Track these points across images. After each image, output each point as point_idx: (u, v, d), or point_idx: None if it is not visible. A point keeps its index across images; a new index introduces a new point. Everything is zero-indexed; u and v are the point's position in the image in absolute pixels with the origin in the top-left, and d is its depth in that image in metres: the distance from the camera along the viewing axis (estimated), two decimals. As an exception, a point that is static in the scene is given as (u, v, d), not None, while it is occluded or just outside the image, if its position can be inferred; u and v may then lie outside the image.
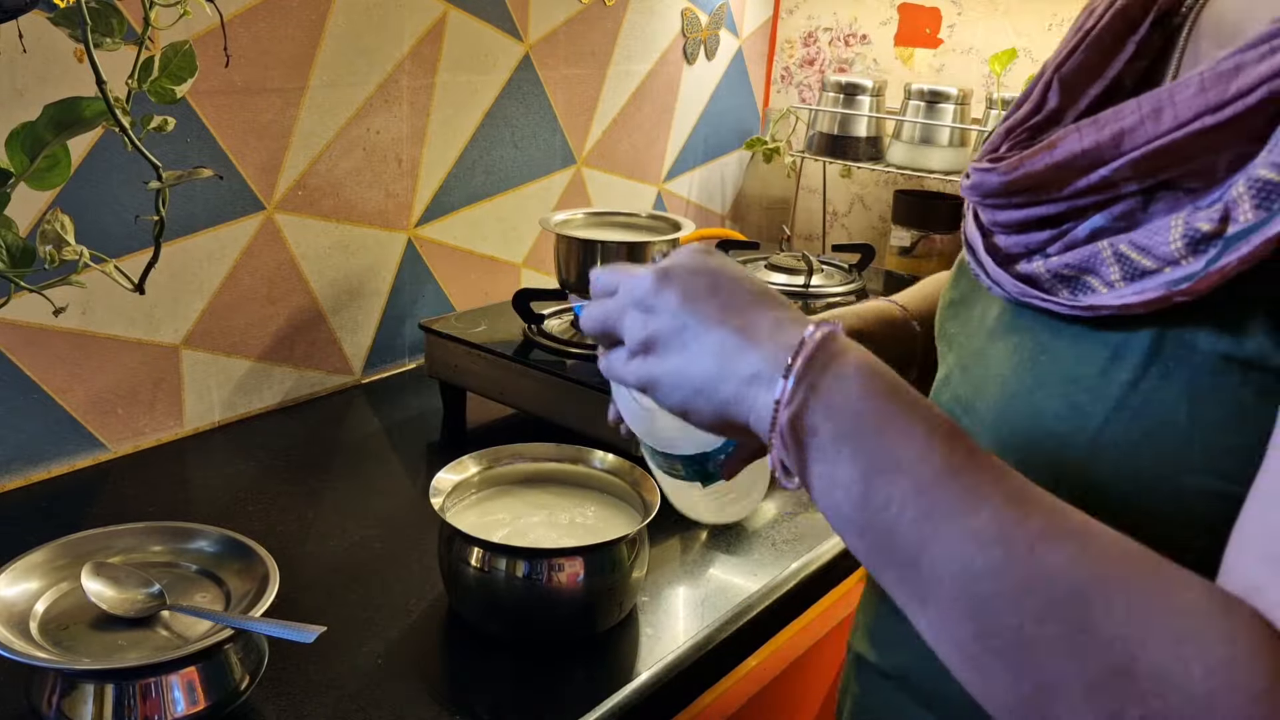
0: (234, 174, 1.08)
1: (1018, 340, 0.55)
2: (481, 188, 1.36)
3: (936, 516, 0.41)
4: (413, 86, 1.23)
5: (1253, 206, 0.43)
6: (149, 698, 0.65)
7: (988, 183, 0.55)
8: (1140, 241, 0.47)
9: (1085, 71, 0.56)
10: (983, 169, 0.56)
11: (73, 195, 0.94)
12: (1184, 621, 0.38)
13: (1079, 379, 0.50)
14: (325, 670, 0.74)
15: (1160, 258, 0.47)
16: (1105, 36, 0.55)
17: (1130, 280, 0.48)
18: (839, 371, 0.44)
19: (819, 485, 0.44)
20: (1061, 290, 0.51)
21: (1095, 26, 0.56)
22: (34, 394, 0.97)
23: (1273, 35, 0.44)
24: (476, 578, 0.78)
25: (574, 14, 1.42)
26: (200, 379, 1.10)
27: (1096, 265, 0.49)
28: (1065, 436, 0.50)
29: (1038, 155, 0.52)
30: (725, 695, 0.85)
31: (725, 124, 1.79)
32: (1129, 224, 0.49)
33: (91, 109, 0.75)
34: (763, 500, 0.90)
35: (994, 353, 0.56)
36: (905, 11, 1.71)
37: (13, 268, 0.77)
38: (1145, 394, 0.48)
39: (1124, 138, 0.48)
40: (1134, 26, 0.55)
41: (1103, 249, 0.49)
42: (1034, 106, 0.58)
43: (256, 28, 1.06)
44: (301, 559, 0.88)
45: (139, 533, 0.77)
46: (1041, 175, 0.52)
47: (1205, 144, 0.46)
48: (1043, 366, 0.52)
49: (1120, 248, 0.48)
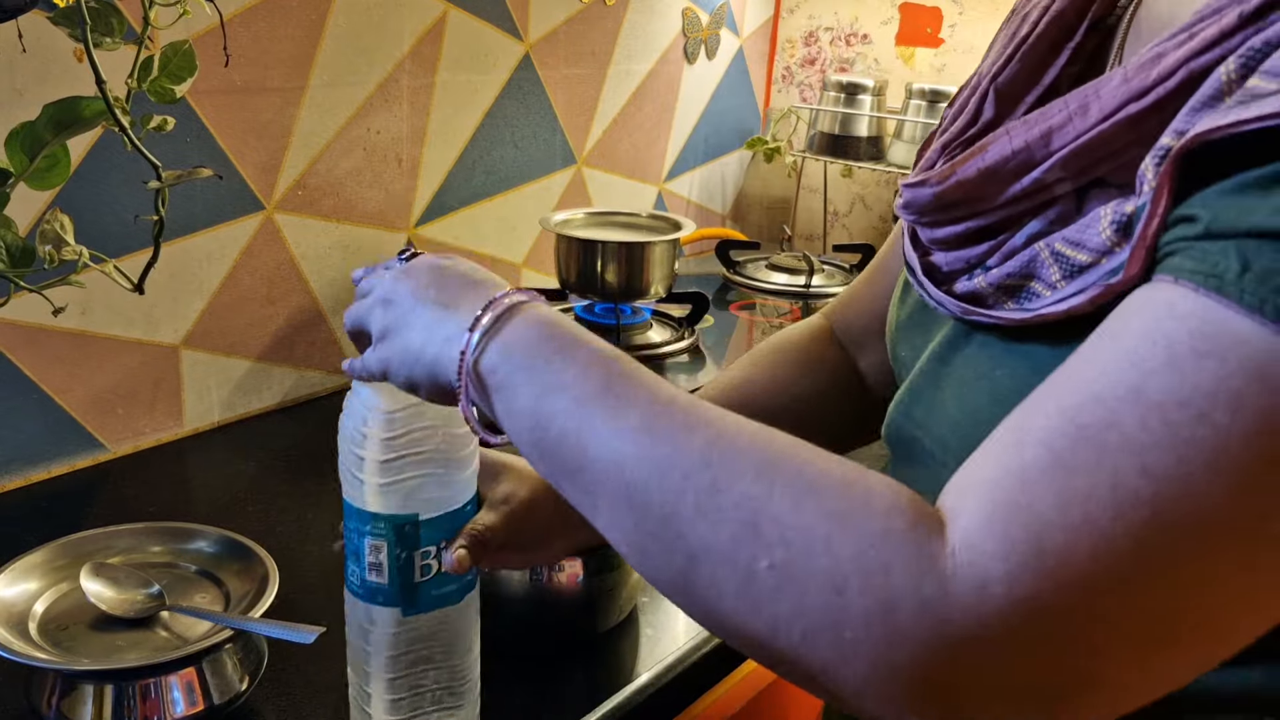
0: (234, 174, 1.08)
1: (969, 359, 0.53)
2: (482, 187, 1.36)
3: (595, 423, 0.45)
4: (413, 86, 1.23)
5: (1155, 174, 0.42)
6: (148, 698, 0.65)
7: (920, 197, 0.54)
8: (1073, 237, 0.46)
9: (1021, 81, 0.55)
10: (915, 184, 0.55)
11: (72, 195, 0.94)
12: (807, 478, 0.41)
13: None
14: (325, 671, 0.74)
15: (1094, 249, 0.46)
16: (1041, 44, 0.54)
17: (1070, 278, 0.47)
18: (519, 322, 0.49)
19: (503, 418, 0.49)
20: (1007, 302, 0.50)
21: (1031, 35, 0.55)
22: (33, 394, 0.97)
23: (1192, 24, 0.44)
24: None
25: (574, 13, 1.42)
26: (200, 379, 1.10)
27: (1037, 268, 0.48)
28: None
29: (969, 161, 0.51)
30: (726, 696, 0.85)
31: (726, 124, 1.79)
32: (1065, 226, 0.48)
33: (91, 109, 0.75)
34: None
35: (946, 374, 0.55)
36: (906, 11, 1.71)
37: (12, 267, 0.77)
38: None
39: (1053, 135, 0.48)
40: (1070, 32, 0.54)
41: (1040, 250, 0.48)
42: (970, 119, 0.56)
43: (256, 27, 1.05)
44: (301, 559, 0.88)
45: (138, 533, 0.77)
46: (974, 183, 0.51)
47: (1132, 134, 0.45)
48: (998, 383, 0.51)
49: (1056, 246, 0.47)
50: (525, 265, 1.47)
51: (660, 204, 1.69)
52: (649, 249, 1.12)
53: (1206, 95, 0.41)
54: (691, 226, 1.18)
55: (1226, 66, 0.40)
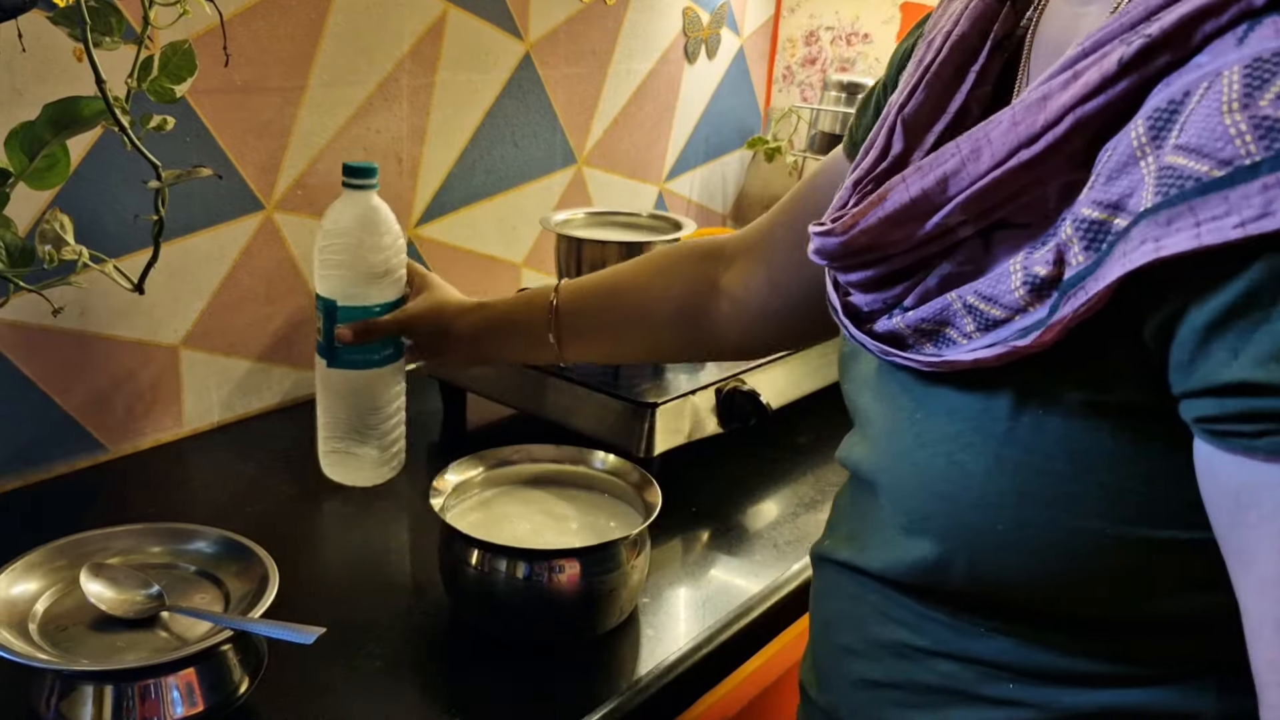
0: (233, 173, 1.07)
1: (895, 398, 0.54)
2: (482, 187, 1.36)
3: None
4: (413, 86, 1.23)
5: (1082, 249, 0.42)
6: (148, 699, 0.65)
7: (827, 246, 0.54)
8: (985, 292, 0.46)
9: (928, 110, 0.54)
10: (822, 232, 0.54)
11: (72, 195, 0.94)
12: None
13: (956, 435, 0.49)
14: (325, 672, 0.74)
15: (1007, 306, 0.46)
16: (945, 71, 0.53)
17: (985, 330, 0.47)
18: None
19: None
20: (926, 345, 0.50)
21: (934, 61, 0.54)
22: (33, 394, 0.97)
23: (1075, 60, 0.44)
24: (476, 579, 0.78)
25: (574, 13, 1.42)
26: (199, 379, 1.10)
27: (951, 317, 0.48)
28: (954, 496, 0.50)
29: (869, 211, 0.51)
30: (727, 697, 0.85)
31: (726, 123, 1.79)
32: (976, 267, 0.48)
33: (90, 108, 0.75)
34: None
35: (877, 411, 0.56)
36: (908, 10, 1.71)
37: (12, 267, 0.77)
38: (1021, 444, 0.47)
39: (949, 182, 0.47)
40: (974, 55, 0.53)
41: (953, 301, 0.48)
42: (879, 154, 0.55)
43: (256, 27, 1.05)
44: (301, 560, 0.88)
45: (138, 534, 0.77)
46: (877, 231, 0.51)
47: (1028, 178, 0.45)
48: (920, 424, 0.51)
49: (968, 299, 0.47)
50: (525, 265, 1.47)
51: (661, 204, 1.69)
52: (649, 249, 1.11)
53: (1122, 160, 0.41)
54: (692, 226, 1.17)
55: (1136, 129, 0.40)
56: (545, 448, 0.91)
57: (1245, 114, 0.37)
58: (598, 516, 0.86)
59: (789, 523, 1.00)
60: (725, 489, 1.05)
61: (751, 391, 1.04)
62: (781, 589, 0.89)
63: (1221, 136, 0.37)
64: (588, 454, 0.90)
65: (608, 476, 0.89)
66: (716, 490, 1.05)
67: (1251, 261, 0.37)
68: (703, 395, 1.03)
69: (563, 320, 0.88)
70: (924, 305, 0.50)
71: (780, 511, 1.02)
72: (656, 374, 1.05)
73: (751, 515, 1.01)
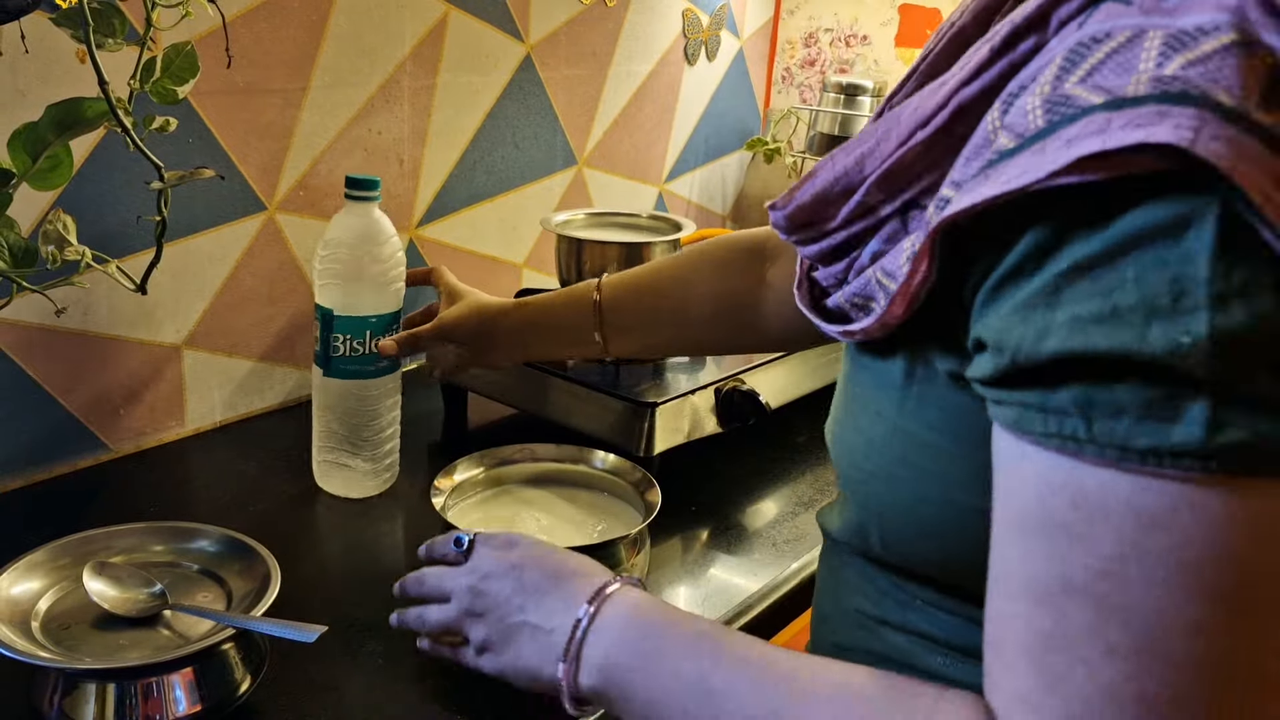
0: (235, 174, 1.08)
1: (844, 369, 0.57)
2: (482, 188, 1.37)
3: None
4: (414, 87, 1.23)
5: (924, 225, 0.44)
6: (150, 697, 0.66)
7: (776, 220, 0.56)
8: (888, 267, 0.48)
9: None
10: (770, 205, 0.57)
11: (75, 196, 0.94)
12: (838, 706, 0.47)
13: (868, 404, 0.52)
14: (326, 670, 0.74)
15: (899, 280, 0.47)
16: (939, 61, 0.54)
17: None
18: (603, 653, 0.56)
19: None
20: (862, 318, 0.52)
21: (930, 52, 0.55)
22: (36, 394, 0.97)
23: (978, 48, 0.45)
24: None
25: (575, 15, 1.42)
26: (202, 379, 1.11)
27: (873, 293, 0.50)
28: (862, 465, 0.53)
29: (803, 186, 0.53)
30: (726, 695, 0.85)
31: (726, 125, 1.79)
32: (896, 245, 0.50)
33: (93, 109, 0.75)
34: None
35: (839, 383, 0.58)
36: (906, 12, 1.71)
37: (15, 268, 0.77)
38: (911, 415, 0.49)
39: (865, 161, 0.49)
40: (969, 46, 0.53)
41: (871, 276, 0.50)
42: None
43: (258, 28, 1.06)
44: (302, 559, 0.88)
45: (140, 532, 0.77)
46: (811, 206, 0.53)
47: (927, 159, 0.46)
48: (849, 393, 0.55)
49: (878, 276, 0.49)
50: (526, 266, 1.47)
51: (661, 205, 1.70)
52: (649, 250, 1.12)
53: (978, 144, 0.42)
54: (692, 227, 1.18)
55: (993, 115, 0.42)
56: (546, 447, 0.91)
57: (1052, 92, 0.39)
58: (598, 515, 0.86)
59: (788, 522, 1.00)
60: (725, 488, 1.05)
61: (751, 391, 1.05)
62: (780, 587, 0.89)
63: (1027, 114, 0.39)
64: (588, 453, 0.90)
65: (608, 476, 0.89)
66: (716, 489, 1.05)
67: (1023, 233, 0.39)
68: (702, 395, 1.03)
69: (606, 317, 0.89)
70: (857, 280, 0.52)
71: (779, 511, 1.02)
72: (656, 374, 1.06)
73: (751, 514, 1.01)
